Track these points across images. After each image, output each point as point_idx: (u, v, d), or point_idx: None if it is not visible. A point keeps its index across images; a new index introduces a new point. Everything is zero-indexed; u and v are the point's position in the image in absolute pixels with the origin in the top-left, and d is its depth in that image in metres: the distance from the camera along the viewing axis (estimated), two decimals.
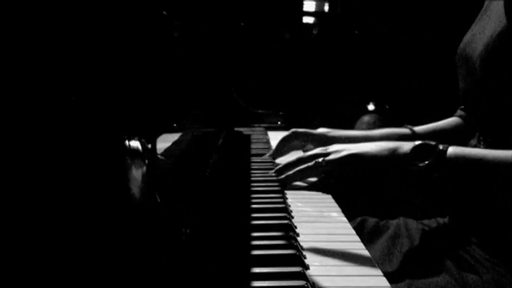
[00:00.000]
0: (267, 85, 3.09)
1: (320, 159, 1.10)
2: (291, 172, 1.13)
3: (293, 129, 1.34)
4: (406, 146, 1.01)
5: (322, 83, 3.29)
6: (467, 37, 1.11)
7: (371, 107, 3.25)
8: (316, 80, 3.29)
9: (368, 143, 1.08)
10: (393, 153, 1.01)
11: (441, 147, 0.96)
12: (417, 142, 0.99)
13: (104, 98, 0.63)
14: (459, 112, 1.27)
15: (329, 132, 1.30)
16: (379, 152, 1.03)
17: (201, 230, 0.82)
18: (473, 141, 1.11)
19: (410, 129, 1.27)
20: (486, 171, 0.93)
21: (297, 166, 1.14)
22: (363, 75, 3.26)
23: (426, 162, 0.96)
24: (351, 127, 2.91)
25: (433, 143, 0.98)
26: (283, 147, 1.34)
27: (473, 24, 1.13)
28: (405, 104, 3.15)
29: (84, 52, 0.60)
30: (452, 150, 0.96)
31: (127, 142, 0.61)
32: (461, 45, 1.13)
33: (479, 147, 1.07)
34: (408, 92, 3.16)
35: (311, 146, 1.32)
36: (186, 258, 0.69)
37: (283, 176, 1.14)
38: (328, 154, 1.10)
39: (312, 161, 1.11)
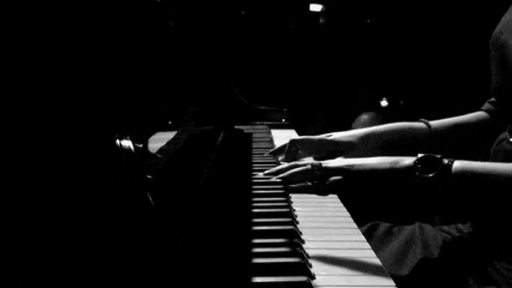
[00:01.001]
0: (270, 79, 3.09)
1: (316, 162, 1.10)
2: (285, 174, 1.13)
3: (291, 139, 1.33)
4: (408, 159, 1.01)
5: (330, 77, 3.29)
6: (503, 21, 1.11)
7: (384, 102, 3.24)
8: (324, 74, 3.29)
9: (368, 158, 1.08)
10: (394, 167, 1.01)
11: (446, 161, 0.96)
12: (421, 155, 0.99)
13: (91, 93, 0.63)
14: (487, 105, 1.25)
15: (328, 135, 1.29)
16: (379, 166, 1.02)
17: (198, 236, 0.82)
18: (503, 135, 1.10)
19: (425, 123, 1.26)
20: (495, 187, 0.93)
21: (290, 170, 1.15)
22: (376, 68, 3.26)
23: (431, 175, 0.96)
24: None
25: (438, 156, 0.97)
26: (287, 159, 1.33)
27: (511, 7, 1.13)
28: (423, 101, 3.15)
29: (72, 44, 0.61)
30: (458, 165, 0.96)
31: (117, 142, 0.62)
32: (496, 30, 1.12)
33: (509, 140, 1.07)
34: (426, 87, 3.16)
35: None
36: (182, 266, 0.70)
37: (275, 178, 1.15)
38: (325, 163, 1.10)
39: (307, 166, 1.12)
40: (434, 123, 1.26)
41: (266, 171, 1.19)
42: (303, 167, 1.11)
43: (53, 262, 0.52)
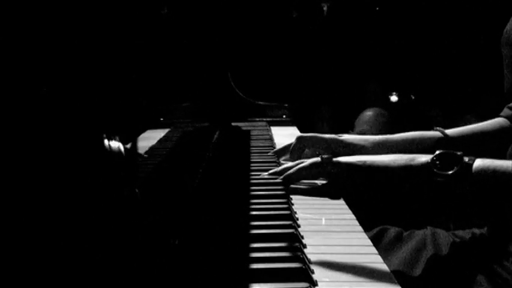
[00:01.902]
0: (271, 72, 3.10)
1: (326, 156, 1.12)
2: (292, 171, 1.15)
3: (299, 135, 1.35)
4: (425, 156, 1.02)
5: (334, 70, 3.30)
6: None
7: (393, 98, 3.26)
8: (329, 67, 3.30)
9: (381, 155, 1.10)
10: (409, 164, 1.02)
11: (467, 159, 0.97)
12: (439, 151, 1.00)
13: (73, 87, 0.64)
14: (506, 111, 1.26)
15: (340, 135, 1.31)
16: (393, 163, 1.04)
17: (192, 240, 0.83)
18: None
19: (442, 132, 1.27)
20: None
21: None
22: (385, 60, 3.27)
23: (450, 172, 0.96)
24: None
25: (459, 153, 0.98)
26: (293, 157, 1.35)
27: None
28: (437, 96, 3.15)
29: (52, 34, 0.62)
30: (479, 163, 0.97)
31: (104, 142, 0.63)
32: (507, 27, 1.14)
33: None
34: (442, 81, 3.16)
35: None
36: (175, 272, 0.71)
37: (282, 176, 1.16)
38: (336, 159, 1.12)
39: (316, 159, 1.14)
40: (450, 132, 1.27)
41: (271, 171, 1.21)
42: (312, 160, 1.13)
43: (38, 267, 0.53)
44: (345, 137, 1.31)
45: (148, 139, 1.22)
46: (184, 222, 0.87)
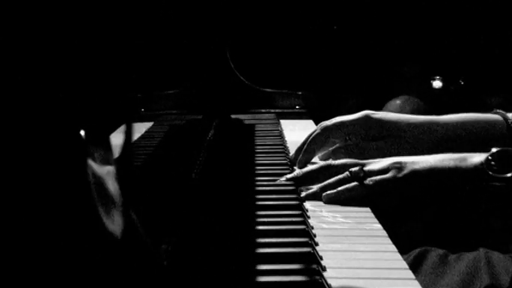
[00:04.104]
0: (280, 51, 3.10)
1: (356, 168, 1.15)
2: (312, 190, 1.18)
3: (323, 124, 1.37)
4: (479, 156, 1.05)
5: (361, 49, 3.29)
6: None
7: (437, 83, 3.26)
8: (352, 44, 3.29)
9: (425, 156, 1.13)
10: (459, 165, 1.06)
11: None
12: (496, 149, 1.03)
13: (42, 73, 0.66)
14: None
15: (374, 113, 1.34)
16: (439, 163, 1.07)
17: (185, 260, 0.86)
18: None
19: (503, 115, 1.29)
20: None
21: (322, 175, 1.21)
22: (424, 36, 3.26)
23: (509, 175, 0.99)
24: None
25: None
26: (312, 152, 1.38)
27: None
28: (498, 80, 3.15)
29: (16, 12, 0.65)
30: None
31: (82, 133, 0.65)
32: None
33: None
34: (496, 62, 3.16)
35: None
36: None
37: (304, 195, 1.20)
38: (368, 167, 1.16)
39: (344, 171, 1.17)
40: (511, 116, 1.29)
41: (288, 176, 1.24)
42: (339, 177, 1.16)
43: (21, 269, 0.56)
44: (380, 115, 1.35)
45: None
46: (175, 237, 0.89)
